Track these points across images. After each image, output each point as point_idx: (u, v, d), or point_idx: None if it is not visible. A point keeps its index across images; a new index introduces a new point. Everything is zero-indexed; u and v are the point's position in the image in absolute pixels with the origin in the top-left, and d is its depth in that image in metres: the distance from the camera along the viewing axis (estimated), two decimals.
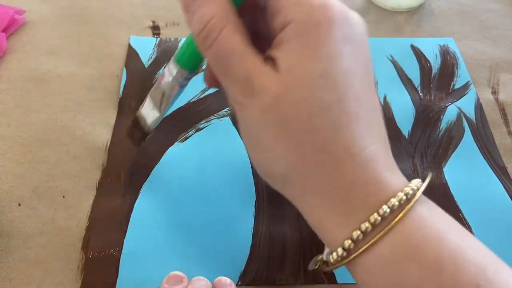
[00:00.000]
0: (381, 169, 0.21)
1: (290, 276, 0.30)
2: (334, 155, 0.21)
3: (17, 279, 0.29)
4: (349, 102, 0.21)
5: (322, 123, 0.21)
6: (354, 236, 0.20)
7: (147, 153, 0.35)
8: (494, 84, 0.42)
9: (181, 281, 0.27)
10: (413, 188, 0.21)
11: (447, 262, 0.19)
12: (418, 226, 0.20)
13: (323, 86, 0.20)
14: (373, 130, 0.22)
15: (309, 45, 0.21)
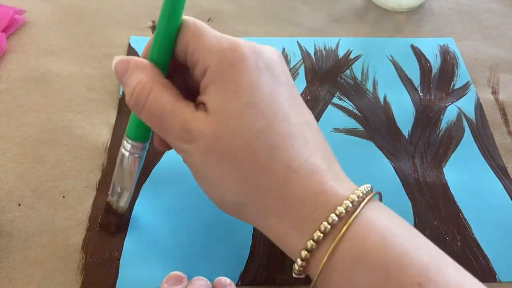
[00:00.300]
0: (325, 178, 0.22)
1: (290, 276, 0.30)
2: (277, 175, 0.22)
3: (17, 279, 0.29)
4: (279, 124, 0.23)
5: (258, 147, 0.22)
6: (308, 245, 0.21)
7: (147, 153, 0.35)
8: (494, 84, 0.42)
9: (181, 281, 0.27)
10: (359, 194, 0.22)
11: (393, 265, 0.20)
12: (366, 232, 0.21)
13: (251, 115, 0.22)
14: (309, 144, 0.23)
15: (229, 83, 0.23)
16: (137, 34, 0.45)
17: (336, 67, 0.43)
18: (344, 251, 0.21)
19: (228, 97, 0.23)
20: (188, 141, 0.23)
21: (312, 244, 0.21)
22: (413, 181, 0.35)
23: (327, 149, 0.24)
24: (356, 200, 0.22)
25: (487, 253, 0.31)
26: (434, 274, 0.20)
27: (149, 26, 0.46)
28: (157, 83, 0.24)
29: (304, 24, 0.47)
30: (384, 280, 0.20)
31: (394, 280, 0.20)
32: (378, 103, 0.40)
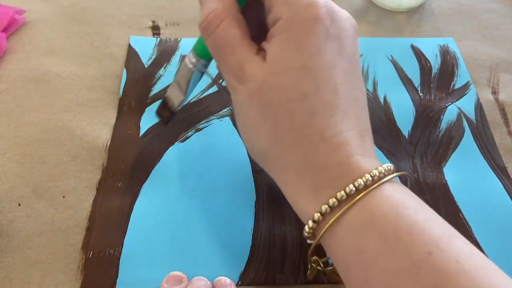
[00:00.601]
0: (353, 152, 0.23)
1: (290, 276, 0.30)
2: (308, 138, 0.23)
3: (17, 279, 0.29)
4: (327, 92, 0.23)
5: (299, 108, 0.23)
6: (323, 209, 0.22)
7: (147, 153, 0.35)
8: (494, 84, 0.42)
9: (181, 281, 0.27)
10: (380, 171, 0.22)
11: (403, 233, 0.21)
12: (380, 203, 0.22)
13: (302, 76, 0.23)
14: (350, 119, 0.24)
15: (293, 40, 0.23)
16: (137, 34, 0.45)
17: None
18: (355, 217, 0.22)
19: (287, 53, 0.23)
20: (239, 80, 0.24)
21: (326, 208, 0.22)
22: (413, 181, 0.35)
23: (365, 126, 0.25)
24: (377, 176, 0.22)
25: (487, 253, 0.31)
26: (445, 244, 0.20)
27: (149, 26, 0.46)
28: (230, 15, 0.24)
29: None
30: (393, 247, 0.20)
31: (403, 247, 0.20)
32: (378, 103, 0.40)
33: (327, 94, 0.23)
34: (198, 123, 0.38)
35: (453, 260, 0.20)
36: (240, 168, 0.35)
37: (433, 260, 0.20)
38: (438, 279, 0.19)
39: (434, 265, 0.19)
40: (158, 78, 0.41)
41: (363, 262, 0.21)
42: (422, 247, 0.20)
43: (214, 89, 0.40)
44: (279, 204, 0.33)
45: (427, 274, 0.19)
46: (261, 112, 0.24)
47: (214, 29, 0.24)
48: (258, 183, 0.34)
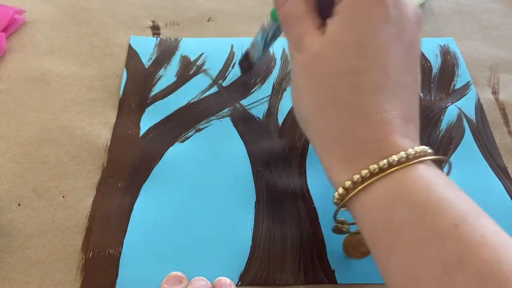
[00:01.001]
0: (392, 131, 0.24)
1: (290, 276, 0.30)
2: (351, 112, 0.24)
3: (17, 279, 0.29)
4: (377, 73, 0.24)
5: (346, 83, 0.24)
6: (355, 178, 0.23)
7: (147, 153, 0.35)
8: (494, 84, 0.42)
9: (180, 281, 0.27)
10: (416, 150, 0.23)
11: (432, 206, 0.21)
12: (412, 177, 0.22)
13: (354, 53, 0.24)
14: (396, 100, 0.24)
15: (353, 18, 0.24)
16: (137, 34, 0.45)
17: None
18: (387, 188, 0.23)
19: (344, 30, 0.24)
20: (298, 49, 0.26)
21: (358, 178, 0.23)
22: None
23: (412, 111, 0.26)
24: (412, 155, 0.23)
25: None
26: (472, 219, 0.21)
27: (149, 26, 0.46)
28: None
29: None
30: (422, 217, 0.21)
31: (431, 218, 0.21)
32: None
33: (376, 73, 0.24)
34: (198, 123, 0.38)
35: (479, 234, 0.20)
36: (240, 168, 0.35)
37: (459, 232, 0.20)
38: (463, 250, 0.20)
39: (459, 237, 0.20)
40: (158, 78, 0.41)
41: (391, 231, 0.22)
42: (449, 220, 0.21)
43: (214, 89, 0.40)
44: (279, 204, 0.33)
45: (452, 245, 0.20)
46: (311, 81, 0.25)
47: (283, 2, 0.26)
48: (258, 183, 0.34)
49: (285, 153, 0.36)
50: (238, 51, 0.43)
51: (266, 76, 0.42)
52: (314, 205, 0.33)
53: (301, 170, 0.35)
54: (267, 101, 0.40)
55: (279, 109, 0.39)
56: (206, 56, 0.43)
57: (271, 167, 0.35)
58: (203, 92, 0.40)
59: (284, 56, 0.43)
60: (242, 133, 0.37)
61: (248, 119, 0.38)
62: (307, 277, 0.30)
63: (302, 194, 0.34)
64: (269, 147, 0.36)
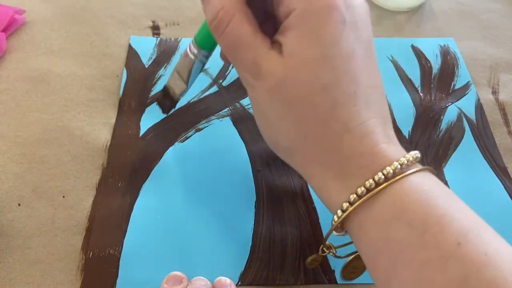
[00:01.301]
0: (378, 141, 0.23)
1: (290, 276, 0.30)
2: (333, 130, 0.23)
3: (17, 279, 0.29)
4: (347, 82, 0.23)
5: (322, 101, 0.23)
6: (351, 198, 0.22)
7: (147, 153, 0.35)
8: (494, 84, 0.42)
9: (180, 281, 0.27)
10: (408, 158, 0.22)
11: (432, 223, 0.20)
12: (409, 191, 0.21)
13: (322, 68, 0.23)
14: (371, 106, 0.24)
15: (310, 31, 0.22)
16: (137, 34, 0.45)
17: None
18: (384, 205, 0.22)
19: (305, 45, 0.23)
20: (256, 76, 0.24)
21: (355, 197, 0.22)
22: None
23: (386, 113, 0.25)
24: (405, 163, 0.22)
25: None
26: (474, 236, 0.20)
27: (149, 26, 0.46)
28: (239, 11, 0.23)
29: None
30: (422, 237, 0.20)
31: (432, 237, 0.20)
32: None
33: (347, 84, 0.23)
34: (198, 123, 0.38)
35: (482, 252, 0.19)
36: (240, 168, 0.35)
37: (462, 251, 0.19)
38: (467, 270, 0.19)
39: (462, 256, 0.19)
40: (158, 78, 0.41)
41: (391, 251, 0.21)
42: (451, 238, 0.20)
43: (214, 89, 0.40)
44: (279, 204, 0.33)
45: (455, 265, 0.19)
46: (282, 108, 0.23)
47: (225, 27, 0.23)
48: (258, 183, 0.34)
49: None
50: None
51: None
52: (314, 205, 0.33)
53: None
54: None
55: None
56: None
57: (271, 167, 0.35)
58: (203, 92, 0.40)
59: None
60: (242, 133, 0.37)
61: (248, 119, 0.38)
62: (307, 277, 0.30)
63: (302, 194, 0.34)
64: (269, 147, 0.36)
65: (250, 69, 0.24)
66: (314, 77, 0.23)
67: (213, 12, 0.24)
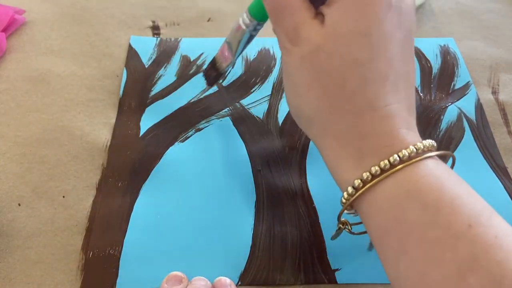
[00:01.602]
0: (399, 125, 0.23)
1: (290, 276, 0.30)
2: (357, 106, 0.23)
3: (17, 279, 0.29)
4: (382, 63, 0.23)
5: (352, 76, 0.23)
6: (364, 176, 0.22)
7: (147, 153, 0.35)
8: (494, 84, 0.42)
9: (180, 281, 0.27)
10: (425, 145, 0.23)
11: (445, 205, 0.21)
12: (423, 174, 0.22)
13: (359, 44, 0.23)
14: (400, 92, 0.24)
15: (355, 7, 0.23)
16: (137, 34, 0.45)
17: None
18: (397, 185, 0.22)
19: (347, 19, 0.23)
20: (294, 42, 0.24)
21: (368, 176, 0.22)
22: None
23: (412, 102, 0.25)
24: (421, 149, 0.22)
25: None
26: (485, 219, 0.20)
27: (149, 26, 0.46)
28: None
29: None
30: (434, 217, 0.21)
31: (444, 218, 0.20)
32: None
33: (381, 64, 0.23)
34: (198, 123, 0.38)
35: (492, 234, 0.20)
36: (240, 168, 0.35)
37: (472, 232, 0.20)
38: (477, 251, 0.19)
39: (473, 237, 0.20)
40: (158, 78, 0.41)
41: (401, 230, 0.21)
42: (462, 219, 0.20)
43: (214, 89, 0.40)
44: (279, 204, 0.33)
45: (465, 245, 0.20)
46: (312, 76, 0.24)
47: None
48: (258, 183, 0.34)
49: (285, 153, 0.36)
50: None
51: (266, 76, 0.42)
52: (314, 205, 0.33)
53: (301, 170, 0.35)
54: (267, 100, 0.40)
55: (279, 108, 0.39)
56: (206, 56, 0.43)
57: (271, 167, 0.35)
58: (203, 92, 0.40)
59: None
60: (242, 133, 0.37)
61: (248, 119, 0.38)
62: (307, 277, 0.30)
63: (302, 194, 0.34)
64: (269, 147, 0.36)
65: (290, 33, 0.24)
66: (349, 51, 0.23)
67: None
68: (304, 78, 0.24)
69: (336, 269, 0.30)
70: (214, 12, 0.48)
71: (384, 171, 0.22)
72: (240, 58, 0.42)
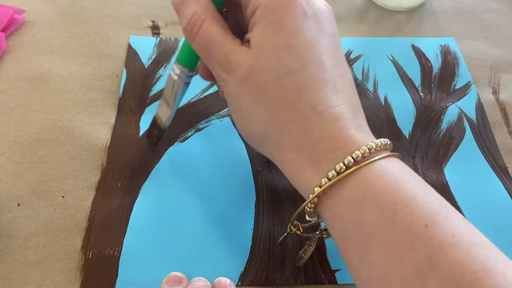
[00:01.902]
0: (348, 126, 0.23)
1: (290, 277, 0.30)
2: (302, 113, 0.24)
3: (16, 279, 0.29)
4: (314, 67, 0.24)
5: (289, 85, 0.24)
6: (323, 183, 0.23)
7: (147, 153, 0.35)
8: (495, 84, 0.42)
9: (180, 282, 0.27)
10: (377, 144, 0.23)
11: (401, 206, 0.21)
12: (378, 175, 0.22)
13: (287, 54, 0.24)
14: (338, 93, 0.24)
15: (273, 23, 0.24)
16: (137, 34, 0.45)
17: None
18: (354, 188, 0.22)
19: (270, 35, 0.24)
20: (228, 71, 0.25)
21: (326, 181, 0.23)
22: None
23: (355, 102, 0.25)
24: (373, 148, 0.23)
25: None
26: (442, 218, 0.20)
27: (149, 26, 0.46)
28: (210, 15, 0.26)
29: None
30: (391, 219, 0.21)
31: (400, 219, 0.20)
32: (378, 103, 0.40)
33: (314, 69, 0.24)
34: (198, 123, 0.38)
35: (449, 233, 0.20)
36: (240, 168, 0.35)
37: (429, 232, 0.20)
38: (434, 251, 0.19)
39: (430, 237, 0.20)
40: (158, 78, 0.41)
41: (361, 234, 0.21)
42: (419, 220, 0.20)
43: (214, 89, 0.40)
44: (279, 204, 0.33)
45: (422, 246, 0.20)
46: (253, 96, 0.25)
47: (198, 29, 0.26)
48: (258, 183, 0.34)
49: None
50: None
51: None
52: None
53: None
54: None
55: None
56: None
57: (271, 167, 0.35)
58: (203, 92, 0.40)
59: None
60: None
61: None
62: (307, 277, 0.30)
63: None
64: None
65: (222, 64, 0.25)
66: (279, 63, 0.24)
67: (187, 18, 0.26)
68: (247, 101, 0.25)
69: (336, 269, 0.30)
70: None
71: (340, 174, 0.22)
72: None
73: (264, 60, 0.24)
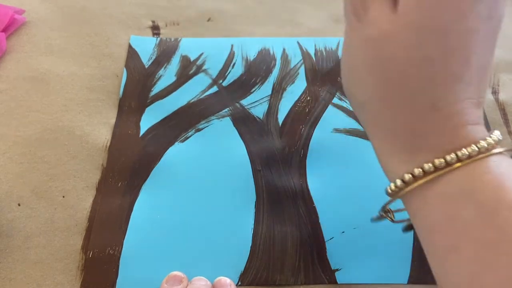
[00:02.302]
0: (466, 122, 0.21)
1: (290, 276, 0.30)
2: (418, 105, 0.21)
3: (17, 279, 0.29)
4: (455, 63, 0.21)
5: (417, 75, 0.21)
6: (416, 172, 0.21)
7: (147, 153, 0.35)
8: (494, 84, 0.42)
9: (180, 281, 0.27)
10: (489, 143, 0.21)
11: (504, 207, 0.19)
12: (481, 173, 0.20)
13: (434, 40, 0.20)
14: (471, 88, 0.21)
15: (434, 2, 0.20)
16: (137, 34, 0.45)
17: (337, 67, 0.43)
18: (452, 183, 0.21)
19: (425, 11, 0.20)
20: (359, 17, 0.22)
21: (420, 172, 0.21)
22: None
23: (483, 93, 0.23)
24: (484, 148, 0.21)
25: None
26: None
27: (149, 26, 0.46)
28: None
29: (304, 24, 0.47)
30: (491, 218, 0.19)
31: (502, 220, 0.19)
32: None
33: (455, 64, 0.21)
34: (198, 123, 0.38)
35: None
36: (240, 168, 0.35)
37: None
38: None
39: None
40: (158, 78, 0.41)
41: (454, 229, 0.20)
42: None
43: (214, 89, 0.40)
44: (279, 204, 0.33)
45: None
46: (373, 63, 0.22)
47: None
48: (258, 183, 0.34)
49: (285, 153, 0.36)
50: (238, 51, 0.43)
51: (266, 76, 0.42)
52: (314, 205, 0.33)
53: (301, 170, 0.35)
54: (267, 101, 0.40)
55: (279, 109, 0.39)
56: (206, 56, 0.43)
57: (271, 167, 0.35)
58: (203, 92, 0.40)
59: (284, 56, 0.43)
60: (242, 133, 0.37)
61: (248, 119, 0.38)
62: (307, 277, 0.30)
63: (302, 194, 0.34)
64: (269, 147, 0.36)
65: (357, 7, 0.22)
66: (420, 47, 0.20)
67: None
68: (365, 62, 0.22)
69: (336, 269, 0.30)
70: (214, 12, 0.48)
71: (438, 169, 0.21)
72: (240, 58, 0.42)
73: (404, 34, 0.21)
